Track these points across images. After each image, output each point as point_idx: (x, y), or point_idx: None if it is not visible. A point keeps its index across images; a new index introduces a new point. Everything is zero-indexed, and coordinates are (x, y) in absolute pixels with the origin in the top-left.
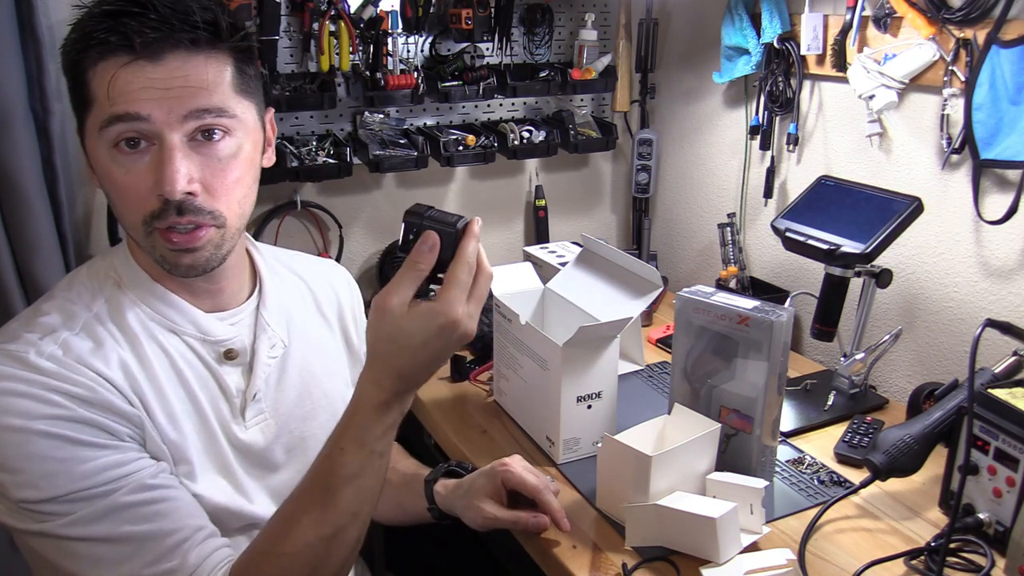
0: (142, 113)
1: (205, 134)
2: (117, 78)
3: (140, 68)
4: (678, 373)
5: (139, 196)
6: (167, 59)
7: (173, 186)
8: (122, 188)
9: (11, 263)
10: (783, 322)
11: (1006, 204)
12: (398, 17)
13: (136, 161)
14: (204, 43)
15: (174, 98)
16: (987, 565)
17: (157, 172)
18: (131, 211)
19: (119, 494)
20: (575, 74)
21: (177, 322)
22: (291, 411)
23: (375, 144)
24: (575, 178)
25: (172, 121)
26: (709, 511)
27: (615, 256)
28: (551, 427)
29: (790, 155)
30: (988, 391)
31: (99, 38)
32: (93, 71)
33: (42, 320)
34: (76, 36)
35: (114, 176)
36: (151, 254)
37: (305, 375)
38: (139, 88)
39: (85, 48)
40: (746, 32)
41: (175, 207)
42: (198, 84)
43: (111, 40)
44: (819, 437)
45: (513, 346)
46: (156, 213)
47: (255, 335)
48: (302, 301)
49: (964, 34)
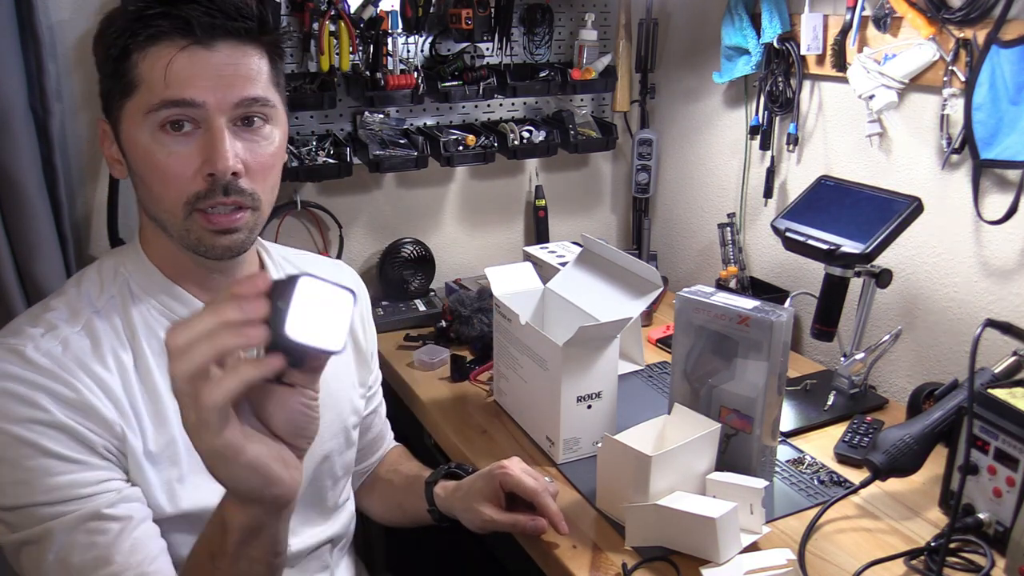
0: (197, 100)
1: (246, 120)
2: (174, 62)
3: (195, 53)
4: (678, 373)
5: (183, 177)
6: (220, 47)
7: (226, 163)
8: (164, 169)
9: (11, 263)
10: (783, 322)
11: (1006, 204)
12: (398, 17)
13: (181, 143)
14: (250, 35)
15: (227, 86)
16: (987, 565)
17: (206, 152)
18: (172, 193)
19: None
20: (575, 74)
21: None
22: None
23: (375, 144)
24: (575, 178)
25: (224, 107)
26: (709, 511)
27: (615, 256)
28: (551, 427)
29: (790, 155)
30: (988, 391)
31: (154, 23)
32: (142, 55)
33: (47, 316)
34: (125, 22)
35: (157, 158)
36: (184, 239)
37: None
38: (193, 74)
39: (136, 32)
40: (746, 32)
41: (222, 187)
42: (247, 73)
43: (166, 25)
44: (819, 437)
45: (513, 346)
46: (202, 194)
47: None
48: None
49: (964, 34)
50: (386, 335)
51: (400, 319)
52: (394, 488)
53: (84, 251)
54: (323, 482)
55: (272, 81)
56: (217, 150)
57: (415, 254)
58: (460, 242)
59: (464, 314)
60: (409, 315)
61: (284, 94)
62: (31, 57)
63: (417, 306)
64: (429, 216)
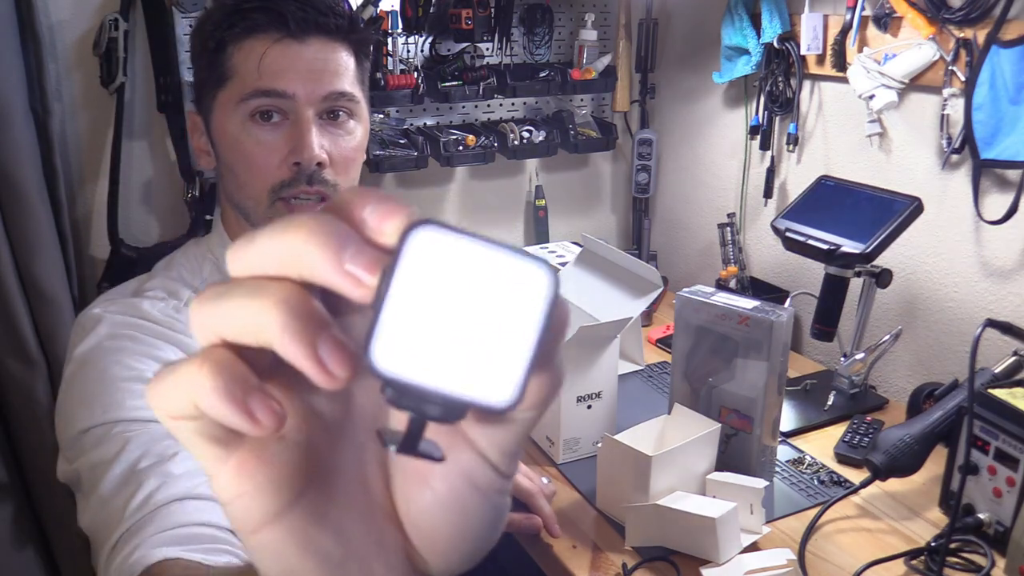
0: (288, 91)
1: (331, 114)
2: (268, 53)
3: (288, 47)
4: (678, 373)
5: (270, 165)
6: (311, 42)
7: (312, 152)
8: (251, 157)
9: (11, 263)
10: (783, 322)
11: (1006, 204)
12: (398, 17)
13: (269, 132)
14: (340, 32)
15: (316, 80)
16: (987, 565)
17: (293, 142)
18: (259, 180)
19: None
20: (575, 74)
21: None
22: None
23: (375, 144)
24: (575, 178)
25: (313, 100)
26: (709, 511)
27: (615, 256)
28: (551, 427)
29: (790, 155)
30: (988, 391)
31: (251, 16)
32: (238, 47)
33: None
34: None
35: (246, 146)
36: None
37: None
38: (285, 66)
39: (233, 24)
40: (746, 32)
41: (306, 177)
42: (335, 69)
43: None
44: (819, 437)
45: None
46: (287, 182)
47: None
48: None
49: (964, 34)
50: None
51: None
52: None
53: (84, 251)
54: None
55: (357, 78)
56: (304, 140)
57: None
58: None
59: None
60: None
61: (367, 92)
62: (31, 57)
63: None
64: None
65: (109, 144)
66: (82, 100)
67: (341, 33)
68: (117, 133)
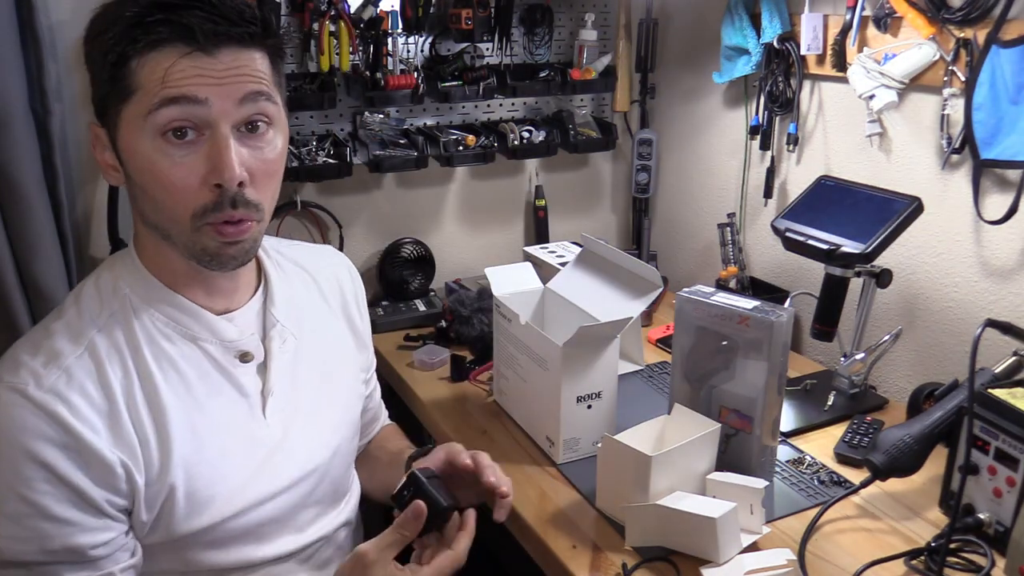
0: (199, 96)
1: (250, 126)
2: (175, 66)
3: (197, 59)
4: (678, 373)
5: (190, 189)
6: (222, 53)
7: (232, 172)
8: (170, 180)
9: (11, 263)
10: (783, 322)
11: (1006, 204)
12: (398, 17)
13: (186, 152)
14: (253, 39)
15: (229, 85)
16: (987, 565)
17: (212, 161)
18: (179, 205)
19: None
20: (575, 74)
21: (194, 329)
22: (307, 402)
23: (375, 144)
24: (575, 178)
25: (228, 107)
26: (709, 511)
27: (615, 256)
28: (551, 427)
29: (790, 155)
30: (988, 391)
31: (155, 29)
32: (141, 61)
33: (48, 342)
34: (124, 27)
35: (160, 168)
36: (190, 249)
37: (317, 364)
38: (195, 76)
39: (136, 39)
40: (746, 32)
41: (230, 200)
42: (250, 73)
43: (166, 32)
44: (819, 437)
45: (513, 346)
46: (209, 206)
47: (265, 331)
48: (306, 291)
49: (964, 34)
50: (386, 335)
51: (400, 319)
52: (380, 464)
53: (84, 251)
54: (339, 472)
55: (274, 82)
56: (223, 158)
57: (415, 254)
58: (460, 242)
59: (464, 314)
60: (409, 315)
61: (285, 96)
62: (31, 57)
63: (417, 306)
64: (429, 216)
65: None
66: (82, 100)
67: (255, 40)
68: None
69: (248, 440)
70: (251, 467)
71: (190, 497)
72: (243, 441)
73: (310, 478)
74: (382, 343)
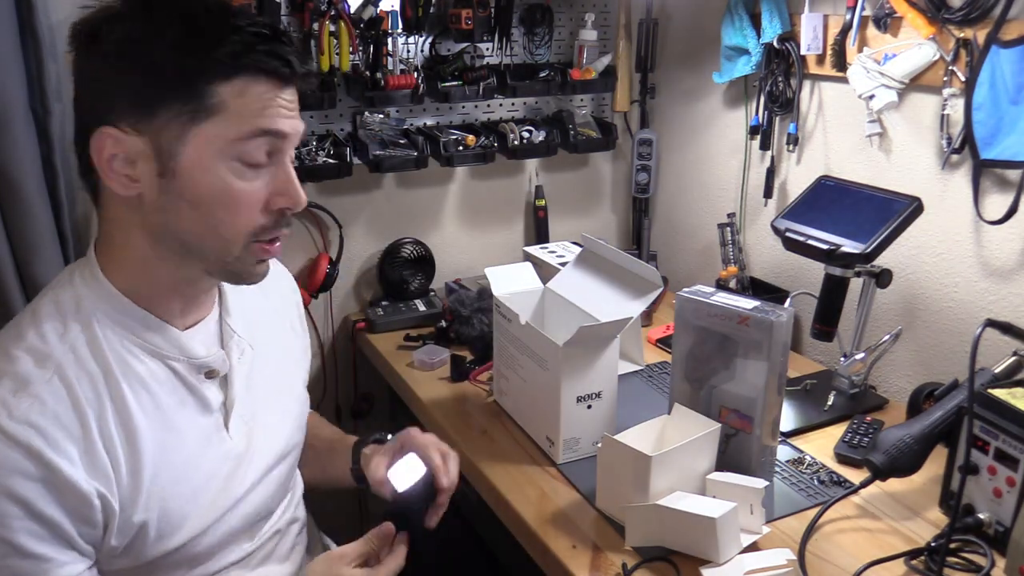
0: (286, 131)
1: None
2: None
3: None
4: (678, 373)
5: (254, 210)
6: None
7: (302, 199)
8: (241, 201)
9: (11, 263)
10: (783, 322)
11: (1006, 204)
12: (398, 17)
13: (255, 176)
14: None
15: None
16: (987, 565)
17: (279, 186)
18: (240, 225)
19: None
20: (575, 74)
21: (161, 347)
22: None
23: (375, 144)
24: (575, 178)
25: (295, 140)
26: (709, 511)
27: (615, 256)
28: (551, 427)
29: (790, 155)
30: (988, 391)
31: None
32: (234, 85)
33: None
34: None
35: (234, 189)
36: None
37: (270, 374)
38: (283, 109)
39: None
40: (746, 32)
41: (285, 221)
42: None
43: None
44: (819, 437)
45: (513, 346)
46: (268, 226)
47: (223, 343)
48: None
49: (964, 34)
50: (386, 335)
51: (400, 319)
52: (316, 452)
53: (84, 251)
54: (292, 470)
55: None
56: (295, 186)
57: (415, 254)
58: (460, 242)
59: (464, 314)
60: (409, 315)
61: None
62: (31, 57)
63: (417, 306)
64: (429, 216)
65: None
66: None
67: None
68: None
69: (215, 456)
70: (218, 483)
71: (163, 520)
72: (211, 458)
73: (267, 484)
74: (382, 343)
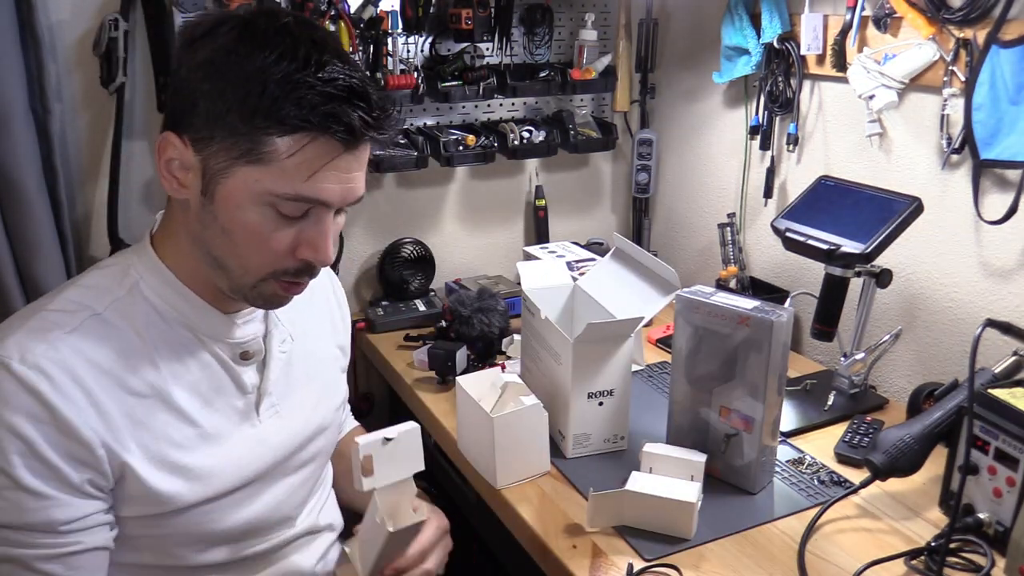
0: (331, 202)
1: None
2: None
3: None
4: (678, 373)
5: (278, 253)
6: (357, 150)
7: (329, 258)
8: (262, 242)
9: (11, 263)
10: (783, 322)
11: (1006, 204)
12: (398, 17)
13: (287, 226)
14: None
15: (350, 190)
16: (987, 565)
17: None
18: (261, 262)
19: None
20: (575, 74)
21: (201, 326)
22: (297, 402)
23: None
24: (575, 178)
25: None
26: (684, 496)
27: (641, 256)
28: (562, 421)
29: (790, 155)
30: (988, 391)
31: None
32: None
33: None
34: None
35: (260, 232)
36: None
37: (308, 367)
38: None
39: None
40: (746, 32)
41: (311, 270)
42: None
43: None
44: (819, 437)
45: (535, 340)
46: (290, 271)
47: (267, 331)
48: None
49: (964, 34)
50: (386, 335)
51: (400, 319)
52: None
53: (84, 251)
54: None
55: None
56: (324, 244)
57: (415, 254)
58: (460, 242)
59: (464, 314)
60: (409, 315)
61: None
62: (31, 57)
63: (417, 306)
64: (429, 216)
65: (109, 144)
66: (82, 100)
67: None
68: (117, 133)
69: (240, 436)
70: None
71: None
72: (237, 436)
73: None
74: (382, 343)
